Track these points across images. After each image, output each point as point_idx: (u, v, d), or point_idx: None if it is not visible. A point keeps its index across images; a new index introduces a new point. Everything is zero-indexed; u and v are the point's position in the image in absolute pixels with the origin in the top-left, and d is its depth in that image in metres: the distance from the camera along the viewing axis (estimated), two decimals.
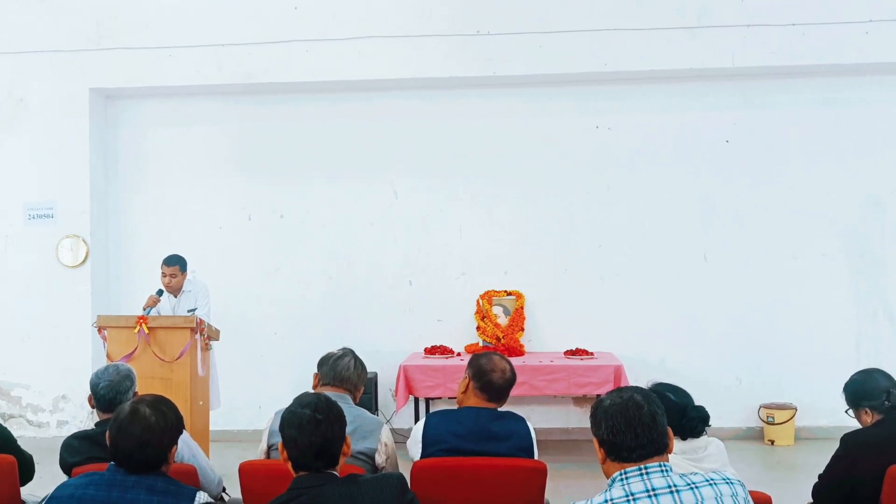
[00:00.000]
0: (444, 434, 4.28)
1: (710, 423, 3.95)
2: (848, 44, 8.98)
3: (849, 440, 4.27)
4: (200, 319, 7.50)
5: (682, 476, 2.91)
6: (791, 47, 9.03)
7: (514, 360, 7.63)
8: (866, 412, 4.40)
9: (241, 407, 9.33)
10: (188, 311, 8.00)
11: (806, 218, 9.39)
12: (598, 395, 2.91)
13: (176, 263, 8.13)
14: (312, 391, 3.98)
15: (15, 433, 4.93)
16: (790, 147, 9.41)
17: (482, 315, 9.39)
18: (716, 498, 2.87)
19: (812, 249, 9.38)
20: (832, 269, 9.37)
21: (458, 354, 9.20)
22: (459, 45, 9.31)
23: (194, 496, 3.37)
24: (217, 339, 7.83)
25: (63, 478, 3.82)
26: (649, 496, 2.85)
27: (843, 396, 4.54)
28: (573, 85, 9.55)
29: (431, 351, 9.23)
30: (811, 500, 4.48)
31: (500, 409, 4.43)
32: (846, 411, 4.56)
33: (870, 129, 9.35)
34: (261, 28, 9.40)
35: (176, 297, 8.21)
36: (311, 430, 3.27)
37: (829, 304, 9.34)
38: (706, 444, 3.91)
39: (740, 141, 9.45)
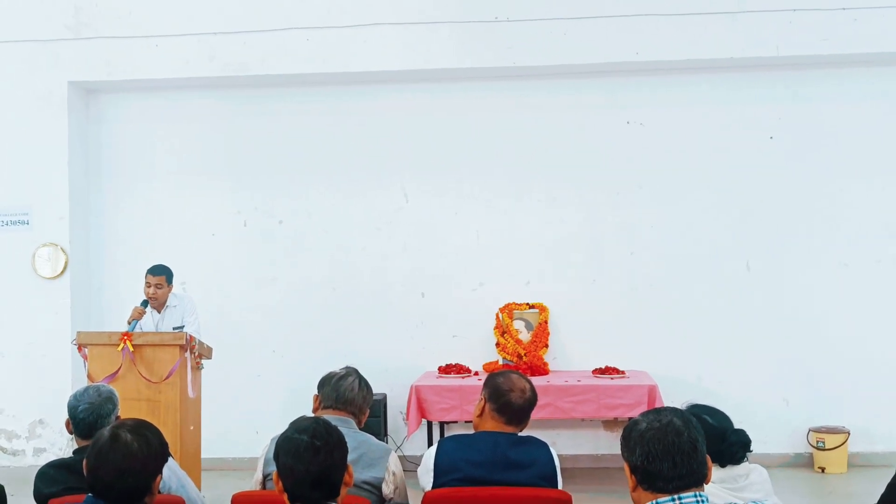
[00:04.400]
0: (458, 461, 4.26)
1: (752, 448, 3.93)
2: None
3: None
4: (191, 336, 7.49)
5: None
6: (841, 34, 8.99)
7: (538, 380, 7.62)
8: None
9: (235, 432, 9.35)
10: (173, 329, 7.98)
11: (858, 221, 9.35)
12: (631, 418, 2.90)
13: (162, 273, 8.11)
14: (312, 415, 3.97)
15: None
16: (841, 143, 9.37)
17: (502, 330, 9.37)
18: None
19: (865, 256, 9.34)
20: (887, 277, 9.31)
21: (476, 374, 9.19)
22: (475, 32, 9.30)
23: None
24: (209, 358, 7.82)
25: None
26: None
27: None
28: (601, 76, 9.54)
29: (446, 370, 9.21)
30: None
31: (520, 434, 4.41)
32: None
33: None
34: (257, 15, 9.40)
35: (160, 312, 8.20)
36: (309, 457, 3.25)
37: (884, 316, 9.28)
38: (748, 472, 3.89)
39: (786, 137, 9.42)
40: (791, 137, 9.41)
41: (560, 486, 4.29)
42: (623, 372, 8.93)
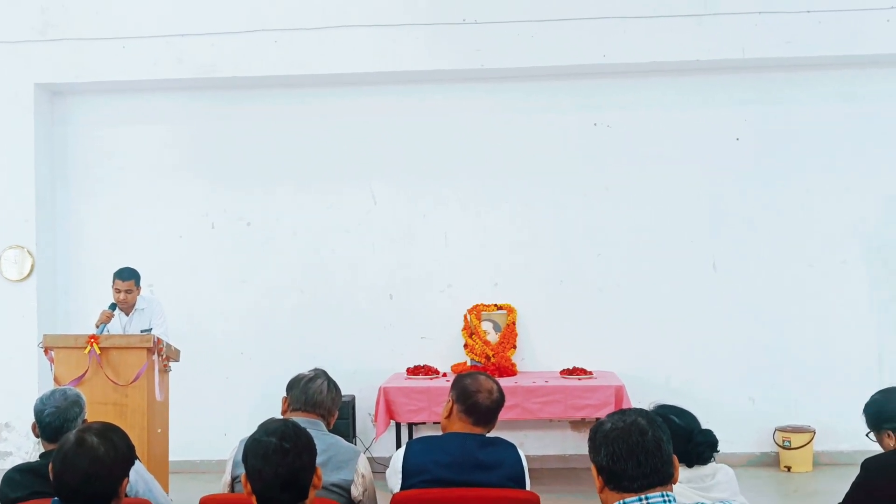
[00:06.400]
0: (426, 463, 4.25)
1: (718, 448, 3.95)
2: (867, 33, 9.02)
3: (870, 465, 4.27)
4: (158, 338, 7.44)
5: None
6: (806, 37, 9.05)
7: (506, 381, 7.63)
8: (889, 435, 4.39)
9: (203, 434, 9.28)
10: (140, 332, 7.94)
11: (823, 222, 9.41)
12: (598, 419, 2.91)
13: (131, 278, 8.06)
14: (280, 417, 3.96)
15: None
16: (806, 145, 9.43)
17: (470, 331, 9.37)
18: None
19: (830, 256, 9.40)
20: (852, 277, 9.38)
21: (444, 375, 9.18)
22: (444, 34, 9.31)
23: None
24: (177, 360, 7.76)
25: None
26: None
27: (864, 418, 4.54)
28: (569, 78, 9.56)
29: (414, 371, 9.20)
30: None
31: (488, 435, 4.41)
32: (867, 434, 4.55)
33: (892, 125, 9.38)
34: (225, 17, 9.37)
35: (127, 315, 8.15)
36: (277, 460, 3.25)
37: (849, 316, 9.35)
38: (714, 472, 3.91)
39: (752, 139, 9.47)
40: (757, 139, 9.46)
41: (528, 487, 4.29)
42: (590, 373, 8.95)
